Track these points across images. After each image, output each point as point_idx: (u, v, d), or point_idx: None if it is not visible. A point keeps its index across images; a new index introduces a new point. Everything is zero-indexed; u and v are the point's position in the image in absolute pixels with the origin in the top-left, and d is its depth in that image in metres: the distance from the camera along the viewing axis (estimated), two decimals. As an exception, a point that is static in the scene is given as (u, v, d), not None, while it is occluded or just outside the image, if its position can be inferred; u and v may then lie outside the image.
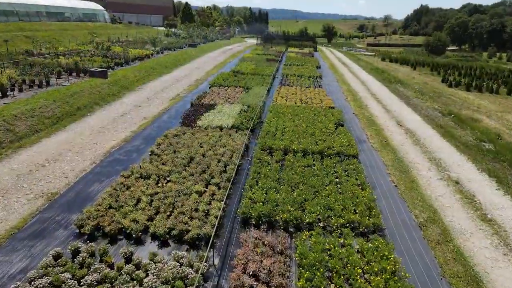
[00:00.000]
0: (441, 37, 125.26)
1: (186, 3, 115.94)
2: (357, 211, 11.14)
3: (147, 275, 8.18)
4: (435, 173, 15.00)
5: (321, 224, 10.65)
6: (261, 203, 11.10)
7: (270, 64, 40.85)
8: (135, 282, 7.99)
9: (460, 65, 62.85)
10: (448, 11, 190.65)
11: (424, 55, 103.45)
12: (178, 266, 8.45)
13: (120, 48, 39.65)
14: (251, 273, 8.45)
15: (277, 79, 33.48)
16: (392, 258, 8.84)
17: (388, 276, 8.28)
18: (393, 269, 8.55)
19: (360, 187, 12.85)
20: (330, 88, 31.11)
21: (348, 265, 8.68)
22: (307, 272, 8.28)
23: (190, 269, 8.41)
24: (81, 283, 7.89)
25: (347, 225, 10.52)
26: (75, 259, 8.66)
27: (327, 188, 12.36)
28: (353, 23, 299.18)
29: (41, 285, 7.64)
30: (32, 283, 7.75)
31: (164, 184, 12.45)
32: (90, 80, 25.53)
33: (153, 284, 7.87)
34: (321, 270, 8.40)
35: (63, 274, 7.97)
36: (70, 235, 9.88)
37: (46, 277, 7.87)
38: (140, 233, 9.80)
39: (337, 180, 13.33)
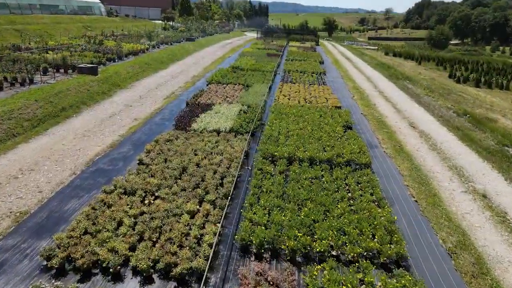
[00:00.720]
0: (444, 30, 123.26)
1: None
2: (375, 235, 9.51)
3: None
4: (458, 184, 13.36)
5: (334, 253, 9.04)
6: (263, 227, 9.48)
7: (271, 59, 39.04)
8: None
9: (466, 59, 61.02)
10: (450, 4, 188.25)
11: (426, 49, 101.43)
12: (162, 316, 6.84)
13: (114, 42, 37.78)
14: (252, 324, 6.85)
15: (279, 76, 31.71)
16: (424, 303, 7.23)
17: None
18: (427, 318, 6.95)
19: (376, 203, 11.23)
20: (335, 85, 29.37)
21: (371, 312, 7.08)
22: (322, 324, 6.69)
23: (177, 319, 6.80)
24: None
25: (365, 253, 8.93)
26: (36, 305, 7.05)
27: (339, 206, 10.73)
28: (354, 16, 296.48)
29: None
30: None
31: (152, 202, 10.81)
32: (78, 77, 23.78)
33: None
34: (339, 320, 6.81)
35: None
36: (36, 269, 8.24)
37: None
38: (119, 267, 8.18)
39: (350, 194, 11.71)
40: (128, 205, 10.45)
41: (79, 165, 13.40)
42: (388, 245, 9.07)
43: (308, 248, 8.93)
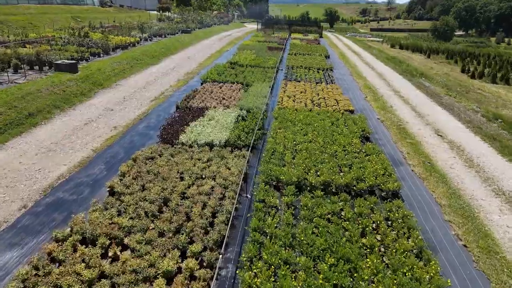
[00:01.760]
0: (449, 21, 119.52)
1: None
2: (425, 313, 6.80)
3: None
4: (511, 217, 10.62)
5: None
6: (268, 301, 6.77)
7: (273, 54, 36.02)
8: None
9: (477, 52, 57.96)
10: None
11: (431, 40, 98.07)
12: None
13: (101, 35, 34.71)
14: None
15: (281, 72, 28.76)
16: None
17: None
18: None
19: (416, 254, 8.47)
20: (344, 84, 26.43)
21: None
22: None
23: None
24: None
25: None
26: None
27: (368, 260, 7.99)
28: (355, 7, 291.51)
29: None
30: None
31: (117, 254, 8.08)
32: (54, 75, 20.87)
33: None
34: None
35: None
36: None
37: None
38: None
39: (379, 238, 8.97)
40: (84, 261, 7.71)
41: (33, 193, 10.62)
42: (446, 332, 6.37)
43: (333, 338, 6.23)
